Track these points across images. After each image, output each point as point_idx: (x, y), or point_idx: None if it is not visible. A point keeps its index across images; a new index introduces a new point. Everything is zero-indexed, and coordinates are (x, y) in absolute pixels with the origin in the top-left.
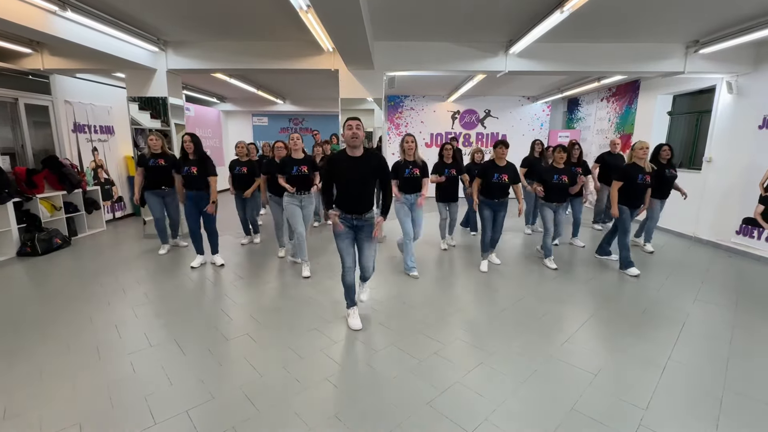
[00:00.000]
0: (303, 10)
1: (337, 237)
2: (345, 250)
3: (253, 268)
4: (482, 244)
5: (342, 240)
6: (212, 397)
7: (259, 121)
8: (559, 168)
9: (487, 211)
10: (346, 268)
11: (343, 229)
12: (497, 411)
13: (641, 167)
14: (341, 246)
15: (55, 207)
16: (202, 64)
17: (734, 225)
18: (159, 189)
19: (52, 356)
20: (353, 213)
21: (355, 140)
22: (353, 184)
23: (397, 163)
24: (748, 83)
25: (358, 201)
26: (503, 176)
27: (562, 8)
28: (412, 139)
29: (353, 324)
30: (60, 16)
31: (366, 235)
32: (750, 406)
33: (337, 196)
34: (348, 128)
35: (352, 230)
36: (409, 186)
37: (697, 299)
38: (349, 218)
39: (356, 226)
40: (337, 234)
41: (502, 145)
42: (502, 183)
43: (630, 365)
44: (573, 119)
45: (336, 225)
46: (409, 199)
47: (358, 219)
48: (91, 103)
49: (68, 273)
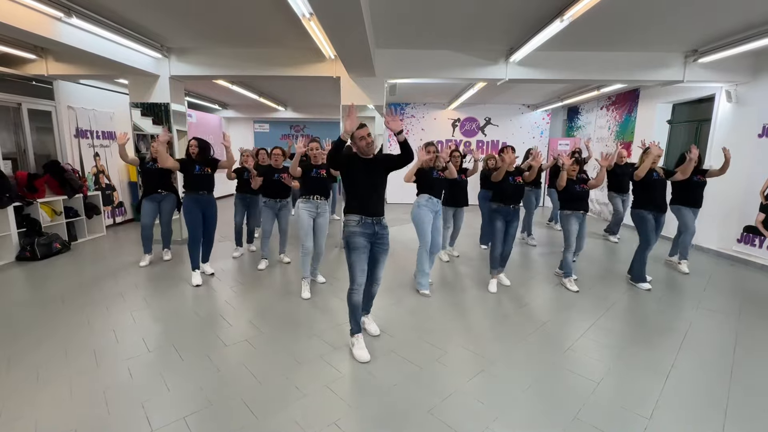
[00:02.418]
0: (306, 18)
1: (353, 250)
2: (359, 265)
3: (252, 274)
4: (492, 259)
5: (359, 254)
6: (210, 404)
7: (261, 128)
8: (575, 180)
9: (500, 222)
10: (356, 285)
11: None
12: (499, 419)
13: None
14: (356, 259)
15: (56, 212)
16: (204, 70)
17: (735, 233)
18: (156, 193)
19: (48, 361)
20: (374, 215)
21: (371, 147)
22: (369, 184)
23: (421, 170)
24: (747, 92)
25: (377, 202)
26: (517, 178)
27: (562, 17)
28: (435, 149)
29: (360, 355)
30: (65, 22)
31: (384, 247)
32: (755, 414)
33: (354, 199)
34: (361, 139)
35: (369, 243)
36: (438, 188)
37: (699, 307)
38: (369, 224)
39: (376, 233)
40: (354, 247)
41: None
42: (518, 184)
43: (633, 373)
44: (573, 127)
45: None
46: (435, 205)
47: (378, 224)
48: (93, 108)
49: (67, 278)
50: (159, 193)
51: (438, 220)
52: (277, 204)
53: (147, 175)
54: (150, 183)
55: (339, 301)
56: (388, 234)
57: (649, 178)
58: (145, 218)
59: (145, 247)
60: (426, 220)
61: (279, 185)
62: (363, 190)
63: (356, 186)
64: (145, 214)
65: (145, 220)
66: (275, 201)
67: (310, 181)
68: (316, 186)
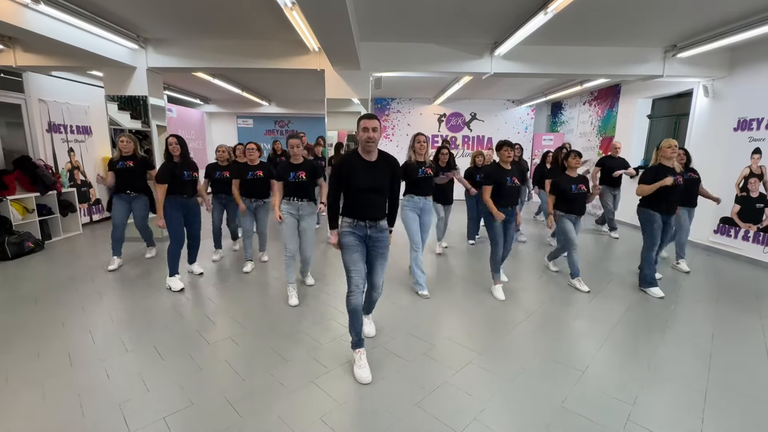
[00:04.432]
0: (288, 8)
1: (345, 249)
2: (354, 265)
3: (236, 272)
4: (493, 262)
5: (351, 252)
6: (192, 403)
7: (244, 123)
8: (575, 177)
9: (498, 224)
10: (353, 287)
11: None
12: (486, 410)
13: (670, 168)
14: (350, 259)
15: (28, 209)
16: (183, 62)
17: (712, 224)
18: (125, 193)
19: (19, 363)
20: (367, 219)
21: (371, 144)
22: (368, 193)
23: (408, 164)
24: (723, 87)
25: (372, 208)
26: (514, 178)
27: (546, 9)
28: (425, 138)
29: (360, 376)
30: (33, 9)
31: (380, 250)
32: (733, 397)
33: (347, 203)
34: (363, 130)
35: (364, 243)
36: (423, 187)
37: (679, 296)
38: (361, 227)
39: (369, 236)
40: (345, 246)
41: (507, 147)
42: (516, 186)
43: (617, 362)
44: (557, 122)
45: (337, 245)
46: (418, 203)
47: (372, 227)
48: (67, 102)
49: (40, 278)
50: (128, 194)
51: (426, 215)
52: (253, 204)
53: (118, 174)
54: (120, 182)
55: (327, 296)
56: (386, 238)
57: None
58: (116, 218)
59: (114, 249)
60: (410, 219)
61: (254, 184)
62: (359, 192)
63: (352, 188)
64: (116, 214)
65: (116, 219)
66: (250, 201)
67: (288, 184)
68: (294, 188)
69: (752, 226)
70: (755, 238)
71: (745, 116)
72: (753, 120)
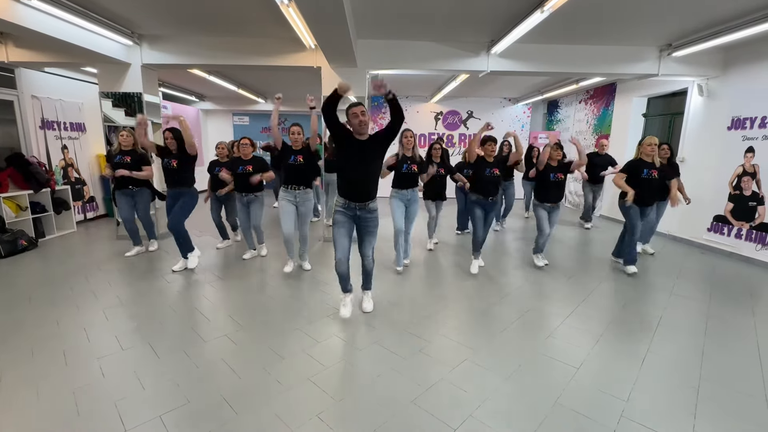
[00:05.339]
0: (284, 4)
1: (334, 225)
2: (339, 241)
3: (232, 267)
4: (474, 243)
5: (338, 227)
6: (188, 401)
7: (240, 121)
8: (554, 166)
9: (479, 211)
10: (337, 258)
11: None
12: (482, 407)
13: (648, 162)
14: (335, 234)
15: (21, 207)
16: (178, 59)
17: (706, 222)
18: (126, 188)
19: (13, 362)
20: (357, 201)
21: (364, 127)
22: (360, 168)
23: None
24: (717, 86)
25: (363, 186)
26: (494, 170)
27: (542, 8)
28: (412, 134)
29: (342, 312)
30: (25, 4)
31: (369, 229)
32: (725, 393)
33: (341, 182)
34: (354, 116)
35: (353, 222)
36: (407, 182)
37: (673, 293)
38: (352, 207)
39: (359, 216)
40: (335, 222)
41: (491, 142)
42: (494, 177)
43: (611, 358)
44: (553, 121)
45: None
46: (405, 195)
47: (361, 209)
48: (60, 98)
49: (34, 276)
50: (129, 189)
51: (413, 206)
52: (244, 198)
53: (115, 168)
54: (120, 177)
55: (321, 294)
56: (376, 217)
57: (639, 175)
58: (122, 212)
59: (133, 240)
60: (397, 207)
61: (244, 177)
62: (353, 172)
63: (346, 168)
64: (122, 209)
65: (123, 214)
66: (242, 195)
67: (287, 168)
68: (293, 174)
69: (745, 224)
70: (748, 236)
71: (739, 115)
72: (746, 119)
